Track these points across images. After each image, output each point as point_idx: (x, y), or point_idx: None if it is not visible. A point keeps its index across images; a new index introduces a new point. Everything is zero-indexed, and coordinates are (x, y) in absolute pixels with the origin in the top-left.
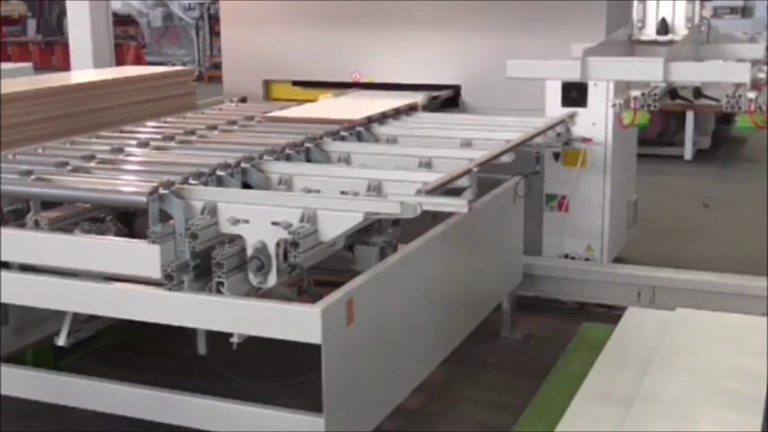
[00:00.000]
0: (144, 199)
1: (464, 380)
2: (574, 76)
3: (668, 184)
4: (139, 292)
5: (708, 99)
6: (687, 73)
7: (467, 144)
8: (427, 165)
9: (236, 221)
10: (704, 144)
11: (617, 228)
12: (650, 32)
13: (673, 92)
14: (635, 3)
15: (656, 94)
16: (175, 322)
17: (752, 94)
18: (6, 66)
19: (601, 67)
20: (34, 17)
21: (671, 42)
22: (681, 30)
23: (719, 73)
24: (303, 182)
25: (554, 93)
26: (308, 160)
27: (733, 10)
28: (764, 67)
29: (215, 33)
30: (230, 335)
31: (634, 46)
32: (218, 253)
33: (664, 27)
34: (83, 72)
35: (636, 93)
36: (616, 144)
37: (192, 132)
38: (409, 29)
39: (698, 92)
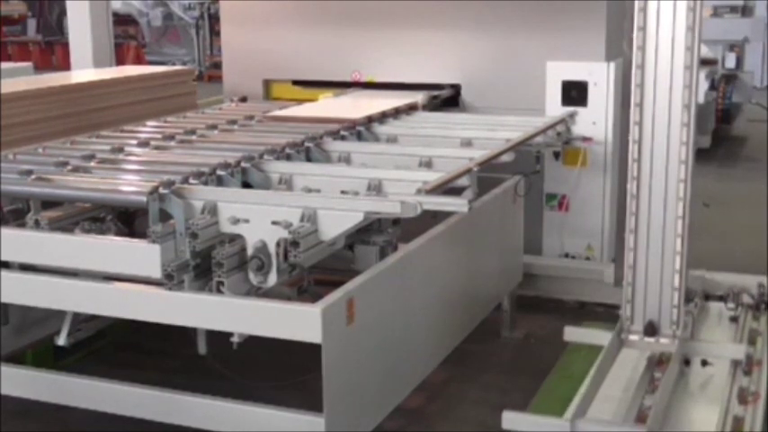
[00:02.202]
0: (144, 199)
1: (464, 380)
2: None
3: None
4: (139, 291)
5: None
6: None
7: (467, 143)
8: (427, 164)
9: (236, 221)
10: (704, 143)
11: (617, 227)
12: (638, 330)
13: None
14: (623, 302)
15: None
16: (175, 322)
17: None
18: (6, 66)
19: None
20: (34, 17)
21: (657, 342)
22: (666, 330)
23: None
24: (303, 181)
25: (554, 92)
26: (309, 160)
27: (733, 9)
28: (744, 381)
29: (215, 33)
30: (230, 335)
31: (623, 342)
32: (219, 252)
33: (651, 328)
34: (83, 72)
35: None
36: (616, 143)
37: (193, 132)
38: (409, 29)
39: None
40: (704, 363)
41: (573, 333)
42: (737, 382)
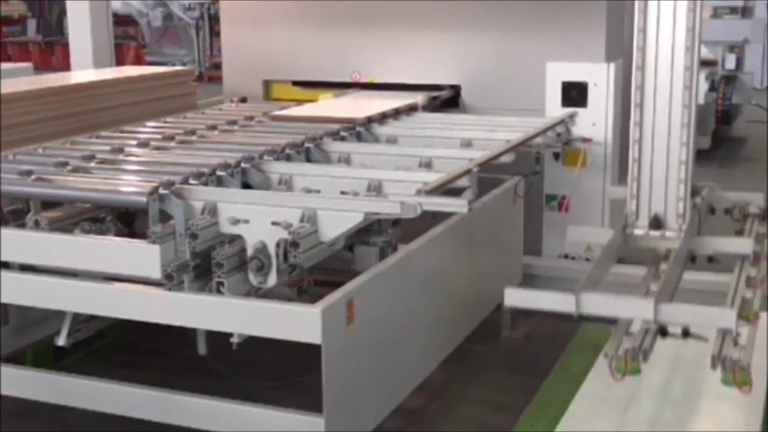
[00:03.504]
0: (144, 199)
1: (464, 379)
2: (569, 309)
3: None
4: (139, 292)
5: (697, 338)
6: (676, 315)
7: (467, 144)
8: (427, 165)
9: (236, 221)
10: (704, 144)
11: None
12: (643, 225)
13: (663, 330)
14: (627, 198)
15: (646, 349)
16: (175, 322)
17: (737, 354)
18: (6, 66)
19: (594, 303)
20: (34, 17)
21: (663, 237)
22: (672, 224)
23: (707, 318)
24: (303, 182)
25: (554, 93)
26: (308, 160)
27: (733, 10)
28: (753, 271)
29: (215, 33)
30: (230, 335)
31: (628, 237)
32: (218, 253)
33: (656, 223)
34: (83, 72)
35: (627, 345)
36: (616, 144)
37: (192, 132)
38: (409, 29)
39: (686, 332)
40: (710, 259)
41: (573, 232)
42: (745, 272)
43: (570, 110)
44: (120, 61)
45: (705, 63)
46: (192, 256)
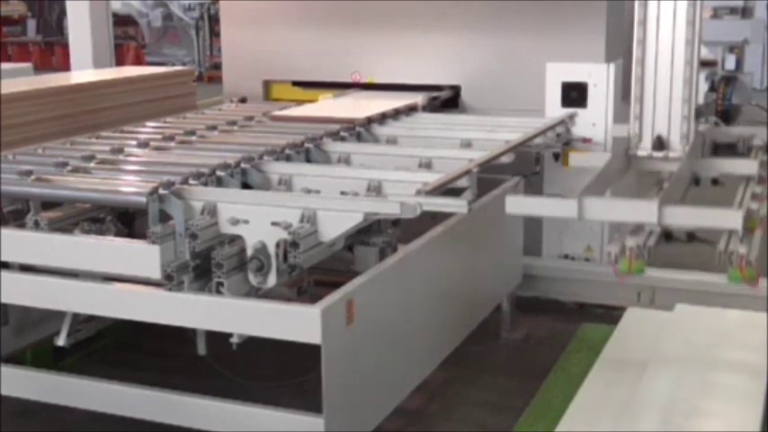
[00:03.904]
0: (144, 199)
1: (464, 380)
2: (571, 214)
3: None
4: (139, 292)
5: (701, 242)
6: (681, 217)
7: (467, 144)
8: (427, 165)
9: (235, 222)
10: None
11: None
12: (646, 147)
13: (668, 234)
14: (630, 120)
15: (650, 246)
16: (175, 322)
17: (743, 249)
18: (6, 66)
19: (597, 207)
20: (34, 17)
21: (666, 158)
22: (676, 145)
23: (712, 219)
24: (303, 182)
25: (554, 93)
26: (308, 160)
27: (733, 10)
28: (758, 189)
29: (215, 33)
30: (230, 335)
31: (631, 159)
32: (218, 253)
33: (659, 143)
34: (83, 72)
35: (631, 243)
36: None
37: (192, 132)
38: (409, 29)
39: (691, 235)
40: (714, 181)
41: (575, 159)
42: (750, 189)
43: (570, 110)
44: (119, 61)
45: (705, 63)
46: (191, 257)
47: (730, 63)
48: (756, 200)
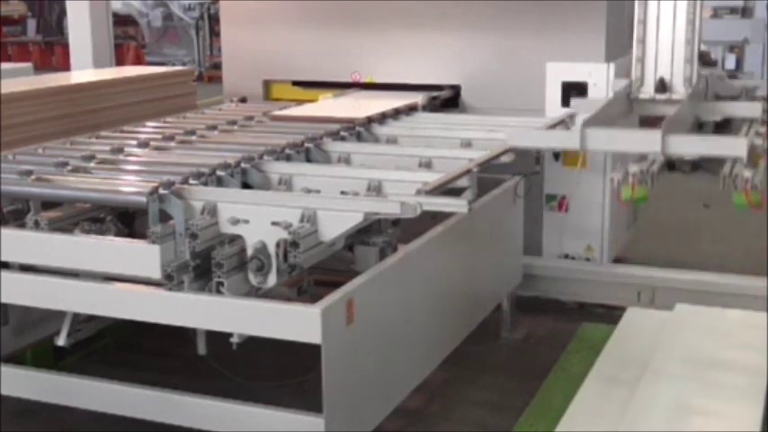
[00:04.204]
0: (144, 199)
1: (464, 380)
2: (573, 145)
3: (668, 183)
4: (139, 292)
5: (706, 172)
6: (685, 146)
7: (467, 144)
8: (427, 165)
9: (236, 221)
10: None
11: (617, 228)
12: (649, 90)
13: (671, 164)
14: (633, 61)
15: (654, 171)
16: (175, 322)
17: (748, 173)
18: (6, 66)
19: (599, 138)
20: (34, 17)
21: (669, 100)
22: (679, 87)
23: (716, 147)
24: (303, 182)
25: (554, 93)
26: (308, 160)
27: (733, 10)
28: (762, 128)
29: (215, 33)
30: (230, 335)
31: (633, 103)
32: (218, 253)
33: (662, 86)
34: (83, 72)
35: (634, 168)
36: None
37: (192, 132)
38: (409, 29)
39: (695, 165)
40: (718, 126)
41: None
42: (754, 128)
43: (570, 110)
44: (120, 61)
45: (705, 63)
46: (191, 256)
47: (730, 63)
48: (760, 137)
